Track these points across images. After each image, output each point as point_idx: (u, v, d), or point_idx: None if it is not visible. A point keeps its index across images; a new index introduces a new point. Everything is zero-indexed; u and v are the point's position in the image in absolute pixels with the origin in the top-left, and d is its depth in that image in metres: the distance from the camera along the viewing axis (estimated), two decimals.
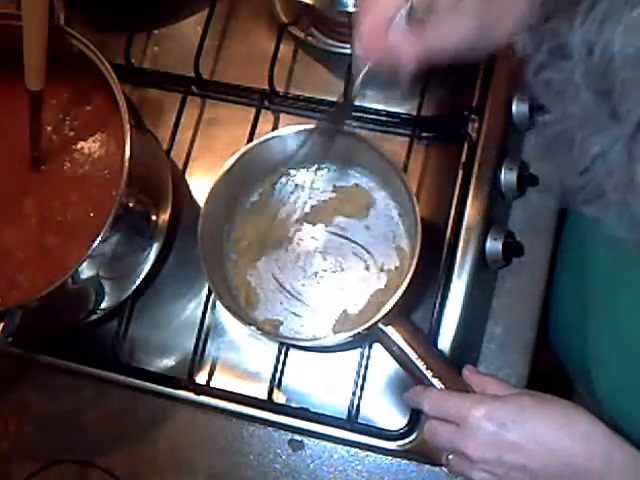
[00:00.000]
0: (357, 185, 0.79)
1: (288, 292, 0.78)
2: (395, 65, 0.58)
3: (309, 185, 0.80)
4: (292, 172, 0.80)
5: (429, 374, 0.66)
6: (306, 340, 0.76)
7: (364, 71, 0.61)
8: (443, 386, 0.66)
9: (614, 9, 0.35)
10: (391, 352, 0.69)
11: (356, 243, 0.78)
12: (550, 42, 0.39)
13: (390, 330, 0.68)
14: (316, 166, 0.80)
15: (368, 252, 0.77)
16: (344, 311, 0.76)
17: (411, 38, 0.57)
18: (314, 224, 0.79)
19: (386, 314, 0.68)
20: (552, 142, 0.39)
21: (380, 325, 0.68)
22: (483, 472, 0.60)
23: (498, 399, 0.61)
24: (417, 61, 0.58)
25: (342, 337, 0.71)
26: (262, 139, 0.76)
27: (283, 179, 0.80)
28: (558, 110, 0.38)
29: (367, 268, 0.77)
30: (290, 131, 0.75)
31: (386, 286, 0.76)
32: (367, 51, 0.59)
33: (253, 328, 0.71)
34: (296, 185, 0.80)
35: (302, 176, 0.80)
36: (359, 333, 0.68)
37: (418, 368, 0.67)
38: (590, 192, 0.38)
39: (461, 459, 0.62)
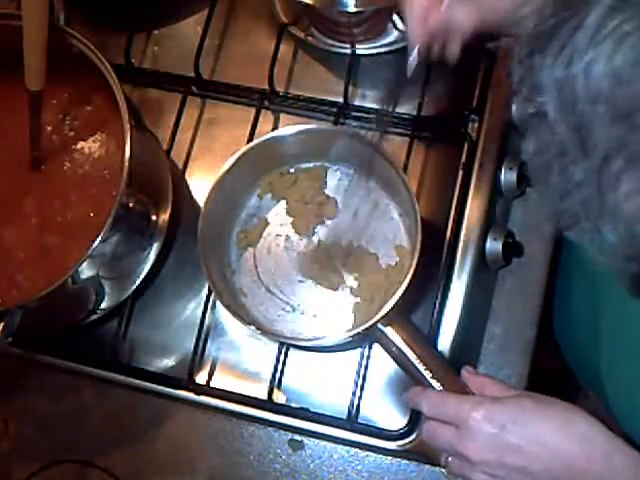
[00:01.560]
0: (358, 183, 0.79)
1: (286, 293, 0.78)
2: (450, 35, 0.62)
3: (309, 184, 0.80)
4: (293, 170, 0.80)
5: (428, 375, 0.66)
6: (306, 340, 0.76)
7: (415, 51, 0.63)
8: (442, 387, 0.66)
9: (579, 49, 0.37)
10: (390, 353, 0.69)
11: (357, 242, 0.78)
12: (530, 78, 0.41)
13: (389, 331, 0.68)
14: (317, 165, 0.80)
15: (368, 252, 0.77)
16: (344, 311, 0.76)
17: (465, 5, 0.60)
18: (314, 223, 0.79)
19: (385, 314, 0.68)
20: (535, 170, 0.41)
21: (379, 325, 0.68)
22: (483, 474, 0.60)
23: (497, 401, 0.61)
24: (474, 27, 0.61)
25: (341, 337, 0.71)
26: (262, 139, 0.76)
27: (284, 177, 0.80)
28: (539, 141, 0.40)
29: (367, 268, 0.77)
30: (290, 131, 0.75)
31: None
32: (423, 26, 0.62)
33: (253, 327, 0.71)
34: (297, 184, 0.80)
35: (303, 174, 0.80)
36: (358, 333, 0.68)
37: (417, 369, 0.67)
38: (568, 219, 0.39)
39: (461, 461, 0.62)
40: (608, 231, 0.37)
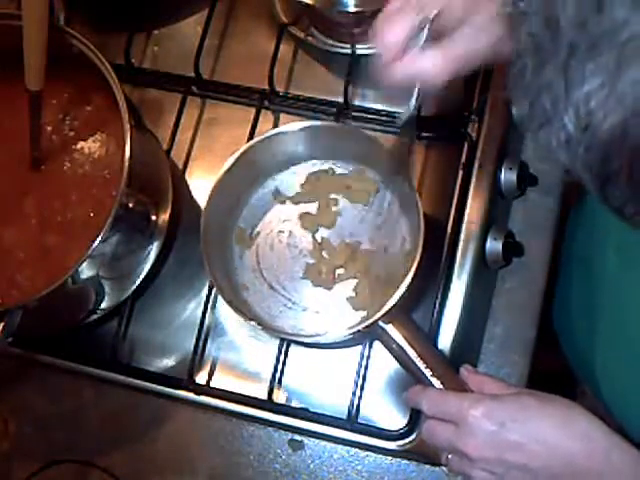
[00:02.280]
0: (361, 182, 0.79)
1: (288, 289, 0.78)
2: (424, 79, 0.59)
3: (312, 183, 0.80)
4: (294, 169, 0.80)
5: (428, 373, 0.66)
6: (306, 336, 0.76)
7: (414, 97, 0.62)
8: (442, 385, 0.66)
9: None
10: (391, 350, 0.69)
11: (359, 241, 0.78)
12: None
13: (390, 328, 0.68)
14: (320, 163, 0.80)
15: (370, 250, 0.77)
16: (345, 308, 0.76)
17: (436, 54, 0.58)
18: (316, 222, 0.79)
19: (387, 312, 0.68)
20: (513, 74, 0.42)
21: (380, 323, 0.68)
22: (483, 471, 0.60)
23: (497, 398, 0.61)
24: (446, 75, 0.59)
25: (342, 334, 0.71)
26: (265, 136, 0.76)
27: (285, 176, 0.80)
28: (518, 42, 0.41)
29: (368, 266, 0.77)
30: (292, 128, 0.75)
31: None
32: (395, 70, 0.60)
33: (254, 323, 0.71)
34: (298, 183, 0.80)
35: (305, 172, 0.80)
36: (359, 330, 0.69)
37: (417, 367, 0.67)
38: (538, 120, 0.40)
39: (461, 459, 0.62)
40: (572, 125, 0.38)
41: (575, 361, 0.81)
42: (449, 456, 0.63)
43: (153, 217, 0.77)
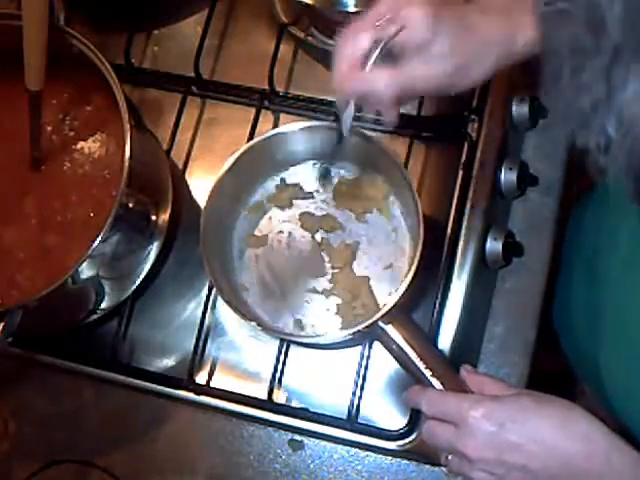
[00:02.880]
0: (361, 182, 0.79)
1: (288, 290, 0.78)
2: (373, 96, 0.60)
3: (312, 182, 0.80)
4: (293, 169, 0.80)
5: (428, 373, 0.66)
6: (306, 337, 0.76)
7: (350, 107, 0.62)
8: (442, 386, 0.66)
9: None
10: (391, 351, 0.69)
11: (358, 241, 0.78)
12: None
13: (390, 328, 0.68)
14: (319, 163, 0.80)
15: (370, 250, 0.78)
16: (345, 309, 0.76)
17: (385, 74, 0.59)
18: (316, 222, 0.79)
19: (387, 312, 0.68)
20: (550, 74, 0.42)
21: (380, 323, 0.68)
22: (482, 472, 0.60)
23: (497, 399, 0.61)
24: (396, 96, 0.59)
25: (342, 334, 0.71)
26: (265, 136, 0.76)
27: (286, 175, 0.80)
28: (556, 40, 0.41)
29: (368, 267, 0.77)
30: (292, 128, 0.75)
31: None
32: (345, 84, 0.60)
33: (254, 324, 0.71)
34: (299, 182, 0.80)
35: (305, 173, 0.80)
36: (359, 331, 0.69)
37: (417, 367, 0.67)
38: (575, 120, 0.40)
39: (460, 459, 0.62)
40: (613, 129, 0.37)
41: (576, 360, 0.81)
42: (449, 457, 0.63)
43: (153, 217, 0.77)
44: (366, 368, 0.75)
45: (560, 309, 0.83)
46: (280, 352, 0.77)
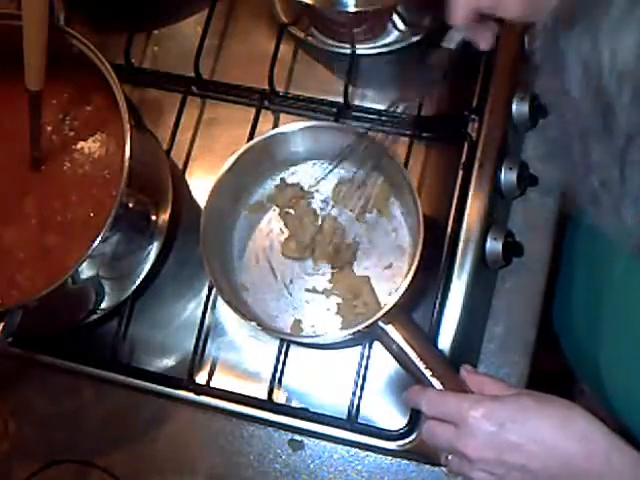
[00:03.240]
0: (361, 182, 0.79)
1: (288, 290, 0.78)
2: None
3: (312, 182, 0.80)
4: (293, 169, 0.80)
5: (428, 373, 0.66)
6: (306, 337, 0.76)
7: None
8: (442, 386, 0.66)
9: (605, 31, 0.37)
10: (391, 351, 0.69)
11: (358, 241, 0.78)
12: (554, 58, 0.40)
13: (390, 328, 0.68)
14: (319, 163, 0.80)
15: (370, 250, 0.78)
16: (345, 308, 0.76)
17: None
18: (317, 221, 0.79)
19: (387, 312, 0.68)
20: (553, 144, 0.41)
21: (380, 323, 0.68)
22: (482, 472, 0.60)
23: (497, 399, 0.61)
24: (521, 15, 0.59)
25: (342, 334, 0.71)
26: (265, 136, 0.76)
27: (286, 175, 0.80)
28: (561, 120, 0.40)
29: (368, 267, 0.77)
30: (292, 128, 0.75)
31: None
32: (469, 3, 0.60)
33: (254, 324, 0.71)
34: (299, 182, 0.80)
35: (305, 173, 0.80)
36: (359, 331, 0.69)
37: (417, 367, 0.67)
38: (587, 198, 0.39)
39: (460, 459, 0.62)
40: (629, 214, 0.36)
41: (576, 360, 0.81)
42: (449, 457, 0.63)
43: (153, 217, 0.77)
44: (366, 368, 0.75)
45: (560, 309, 0.83)
46: (280, 352, 0.77)
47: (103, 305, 0.78)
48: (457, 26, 0.63)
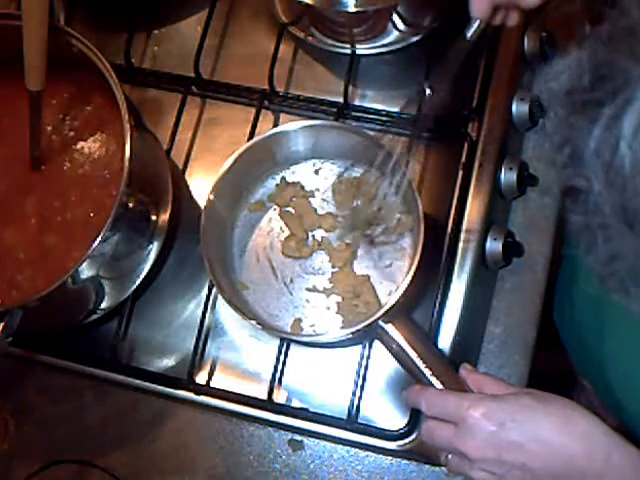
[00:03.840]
0: (361, 181, 0.79)
1: (288, 289, 0.78)
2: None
3: (312, 181, 0.80)
4: (294, 168, 0.80)
5: (428, 373, 0.66)
6: (306, 336, 0.76)
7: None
8: (442, 385, 0.66)
9: (625, 132, 0.36)
10: (390, 350, 0.69)
11: (358, 240, 0.78)
12: (572, 144, 0.40)
13: (390, 328, 0.68)
14: (320, 162, 0.80)
15: (370, 250, 0.78)
16: (345, 307, 0.76)
17: None
18: (317, 221, 0.79)
19: (387, 311, 0.68)
20: (579, 234, 0.41)
21: (380, 323, 0.68)
22: (483, 471, 0.60)
23: (496, 398, 0.61)
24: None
25: (342, 334, 0.71)
26: (265, 135, 0.76)
27: (287, 174, 0.80)
28: (583, 211, 0.39)
29: (368, 266, 0.77)
30: (293, 127, 0.75)
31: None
32: None
33: (254, 323, 0.71)
34: (299, 181, 0.80)
35: (305, 172, 0.80)
36: (359, 330, 0.69)
37: (417, 366, 0.67)
38: (613, 282, 0.39)
39: (460, 459, 0.62)
40: None
41: (577, 354, 0.81)
42: (449, 456, 0.63)
43: (153, 217, 0.77)
44: (366, 368, 0.75)
45: (561, 300, 0.82)
46: (280, 352, 0.77)
47: (103, 305, 0.78)
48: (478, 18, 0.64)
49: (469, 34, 0.66)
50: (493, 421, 0.59)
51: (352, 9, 0.76)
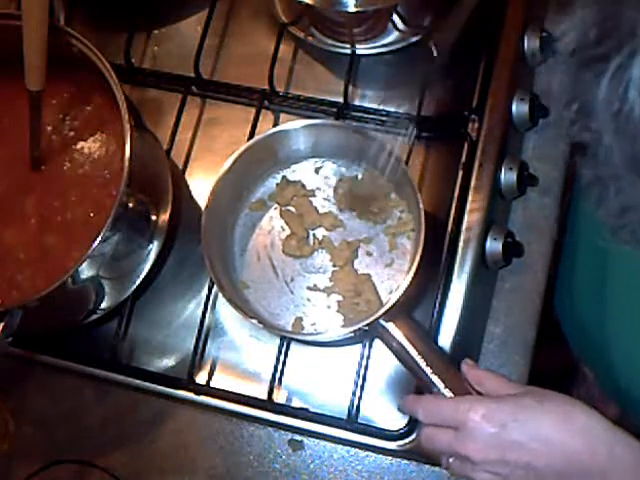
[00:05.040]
0: (362, 180, 0.79)
1: (289, 287, 0.78)
2: None
3: (313, 180, 0.80)
4: (295, 167, 0.80)
5: (429, 371, 0.66)
6: (307, 334, 0.76)
7: None
8: (442, 383, 0.66)
9: (635, 78, 0.36)
10: (391, 348, 0.69)
11: (359, 239, 0.78)
12: (583, 108, 0.40)
13: (391, 326, 0.68)
14: (321, 161, 0.80)
15: (371, 248, 0.78)
16: (346, 306, 0.76)
17: None
18: (318, 220, 0.79)
19: (388, 310, 0.68)
20: (591, 187, 0.41)
21: (381, 321, 0.68)
22: (486, 473, 0.60)
23: (495, 400, 0.62)
24: None
25: (343, 332, 0.71)
26: (265, 134, 0.76)
27: (287, 174, 0.80)
28: (594, 162, 0.40)
29: (369, 265, 0.77)
30: (294, 126, 0.75)
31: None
32: None
33: (255, 321, 0.71)
34: (299, 180, 0.80)
35: (306, 171, 0.80)
36: (360, 329, 0.69)
37: (418, 365, 0.67)
38: (625, 234, 0.39)
39: (462, 462, 0.62)
40: None
41: (579, 343, 0.80)
42: (450, 460, 0.63)
43: (153, 217, 0.77)
44: (366, 368, 0.75)
45: (562, 290, 0.81)
46: (280, 352, 0.77)
47: (103, 305, 0.78)
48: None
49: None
50: (494, 422, 0.59)
51: (352, 9, 0.76)
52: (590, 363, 0.80)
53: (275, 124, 0.84)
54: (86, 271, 0.70)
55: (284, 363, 0.77)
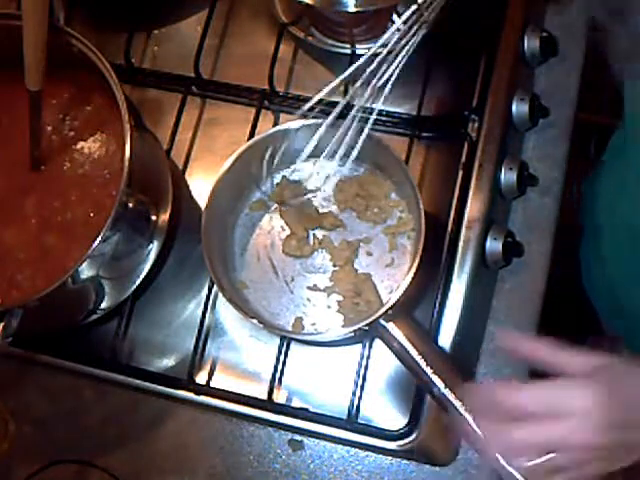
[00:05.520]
0: (362, 180, 0.79)
1: (289, 287, 0.78)
2: None
3: (313, 181, 0.80)
4: (295, 167, 0.80)
5: (429, 371, 0.66)
6: (307, 334, 0.76)
7: None
8: (443, 383, 0.66)
9: None
10: (392, 348, 0.69)
11: (359, 239, 0.78)
12: None
13: (391, 326, 0.68)
14: (321, 161, 0.80)
15: (371, 248, 0.78)
16: (347, 306, 0.76)
17: None
18: (318, 220, 0.79)
19: (388, 310, 0.68)
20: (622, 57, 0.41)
21: (382, 321, 0.68)
22: (602, 461, 0.52)
23: (583, 377, 0.53)
24: None
25: (344, 332, 0.71)
26: (267, 133, 0.76)
27: (288, 172, 0.80)
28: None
29: (369, 264, 0.77)
30: (294, 126, 0.75)
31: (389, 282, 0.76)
32: None
33: (255, 321, 0.71)
34: (300, 180, 0.80)
35: (306, 171, 0.80)
36: (360, 328, 0.69)
37: (418, 365, 0.67)
38: None
39: (569, 459, 0.52)
40: None
41: (608, 310, 0.78)
42: (529, 463, 0.52)
43: (153, 217, 0.77)
44: (366, 368, 0.75)
45: (589, 263, 0.79)
46: (280, 352, 0.77)
47: (103, 305, 0.78)
48: None
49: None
50: (600, 392, 0.51)
51: (352, 9, 0.76)
52: (619, 330, 0.77)
53: (275, 124, 0.84)
54: (86, 271, 0.70)
55: (284, 363, 0.77)
